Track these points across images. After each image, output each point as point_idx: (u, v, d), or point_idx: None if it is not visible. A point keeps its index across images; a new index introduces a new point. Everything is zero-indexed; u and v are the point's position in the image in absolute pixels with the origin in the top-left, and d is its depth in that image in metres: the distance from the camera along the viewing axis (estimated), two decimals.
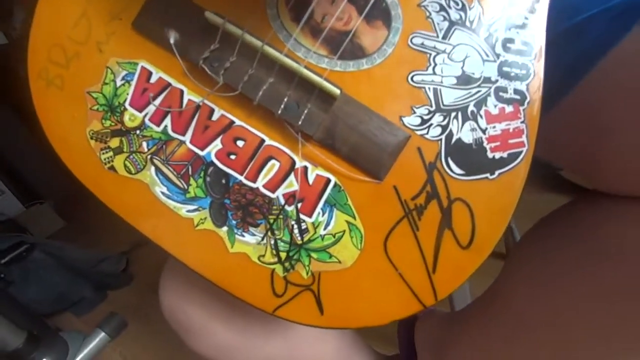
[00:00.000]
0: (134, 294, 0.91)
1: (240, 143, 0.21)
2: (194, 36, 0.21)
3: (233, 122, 0.21)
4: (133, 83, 0.22)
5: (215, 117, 0.21)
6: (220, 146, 0.21)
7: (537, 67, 0.20)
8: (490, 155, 0.20)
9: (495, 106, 0.20)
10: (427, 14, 0.21)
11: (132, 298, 0.89)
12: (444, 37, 0.21)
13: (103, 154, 0.22)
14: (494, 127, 0.20)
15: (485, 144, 0.20)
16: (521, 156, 0.20)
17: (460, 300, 0.44)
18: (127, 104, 0.22)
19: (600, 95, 0.21)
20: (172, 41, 0.20)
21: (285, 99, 0.20)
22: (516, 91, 0.20)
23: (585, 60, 0.21)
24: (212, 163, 0.21)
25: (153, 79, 0.22)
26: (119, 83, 0.22)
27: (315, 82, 0.19)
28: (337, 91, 0.19)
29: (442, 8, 0.21)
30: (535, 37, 0.21)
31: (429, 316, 0.40)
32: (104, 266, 0.96)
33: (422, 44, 0.21)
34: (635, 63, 0.20)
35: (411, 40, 0.21)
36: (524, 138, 0.20)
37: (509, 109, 0.20)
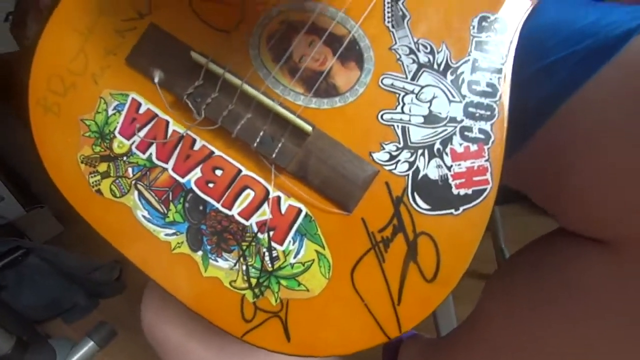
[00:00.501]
0: (125, 304, 0.92)
1: (218, 172, 0.22)
2: (181, 73, 0.22)
3: (213, 152, 0.22)
4: (123, 113, 0.23)
5: (196, 147, 0.22)
6: (199, 174, 0.22)
7: (502, 108, 0.21)
8: (455, 191, 0.21)
9: (461, 145, 0.21)
10: (398, 56, 0.22)
11: (123, 307, 0.89)
12: (412, 79, 0.22)
13: (91, 177, 0.23)
14: (459, 164, 0.21)
15: (450, 180, 0.21)
16: (485, 193, 0.21)
17: (446, 325, 0.44)
18: (116, 132, 0.23)
19: (564, 136, 0.22)
20: (156, 80, 0.22)
21: (261, 133, 0.21)
22: (481, 131, 0.21)
23: (552, 101, 0.22)
24: (191, 190, 0.22)
25: (142, 110, 0.23)
26: (110, 112, 0.24)
27: (289, 119, 0.21)
28: (309, 128, 0.21)
29: (411, 51, 0.22)
30: (501, 79, 0.22)
31: (414, 341, 0.40)
32: (98, 274, 0.97)
33: (392, 84, 0.22)
34: (596, 107, 0.21)
35: (382, 81, 0.22)
36: (488, 176, 0.21)
37: (473, 147, 0.21)
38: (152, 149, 0.23)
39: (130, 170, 0.23)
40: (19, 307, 0.93)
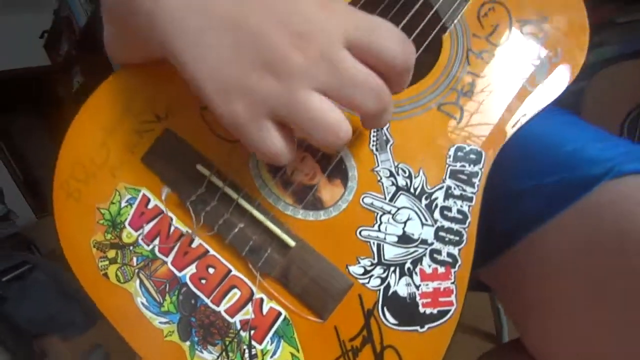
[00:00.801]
0: None
1: (211, 270, 0.25)
2: (187, 178, 0.25)
3: (208, 251, 0.25)
4: (134, 206, 0.27)
5: (194, 245, 0.25)
6: (194, 271, 0.25)
7: (471, 235, 0.23)
8: (421, 310, 0.23)
9: (430, 266, 0.23)
10: (379, 178, 0.24)
11: None
12: (390, 200, 0.24)
13: (101, 261, 0.26)
14: (427, 284, 0.23)
15: (418, 299, 0.23)
16: (449, 314, 0.23)
17: None
18: (126, 223, 0.27)
19: (523, 267, 0.24)
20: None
21: (251, 243, 0.24)
22: (449, 254, 0.23)
23: (516, 231, 0.24)
24: (185, 284, 0.25)
25: (150, 205, 0.26)
26: (123, 204, 0.27)
27: (275, 233, 0.23)
28: (293, 243, 0.23)
29: (391, 174, 0.24)
30: (472, 207, 0.24)
31: None
32: None
33: (372, 203, 0.24)
34: (553, 248, 0.23)
35: (363, 200, 0.24)
36: (453, 297, 0.23)
37: (441, 269, 0.23)
38: (156, 242, 0.26)
39: (135, 259, 0.26)
40: (18, 320, 0.97)
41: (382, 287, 0.23)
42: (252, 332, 0.24)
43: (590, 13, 0.86)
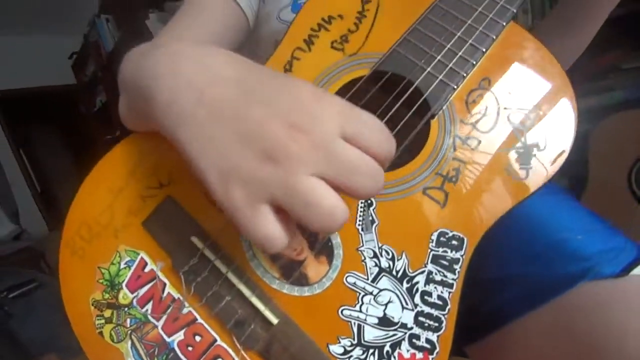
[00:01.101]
0: None
1: (197, 338, 0.26)
2: (183, 248, 0.27)
3: (196, 319, 0.26)
4: (132, 269, 0.28)
5: (184, 311, 0.26)
6: (182, 337, 0.26)
7: (450, 322, 0.24)
8: None
9: (408, 351, 0.24)
10: (362, 258, 0.26)
11: None
12: (372, 281, 0.25)
13: (97, 319, 0.28)
14: None
15: None
16: None
17: None
18: (124, 284, 0.28)
19: (509, 352, 0.24)
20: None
21: (236, 316, 0.25)
22: (427, 340, 0.24)
23: (501, 315, 0.24)
24: (173, 349, 0.26)
25: (147, 269, 0.28)
26: (122, 266, 0.28)
27: (259, 309, 0.24)
28: (275, 321, 0.24)
29: (375, 255, 0.25)
30: (452, 293, 0.24)
31: None
32: None
33: (355, 283, 0.25)
34: (531, 340, 0.23)
35: (346, 279, 0.25)
36: None
37: (419, 355, 0.24)
38: (149, 306, 0.27)
39: (128, 320, 0.27)
40: (20, 338, 0.99)
41: None
42: None
43: (598, 58, 0.88)
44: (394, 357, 0.24)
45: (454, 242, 0.25)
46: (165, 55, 0.23)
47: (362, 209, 0.26)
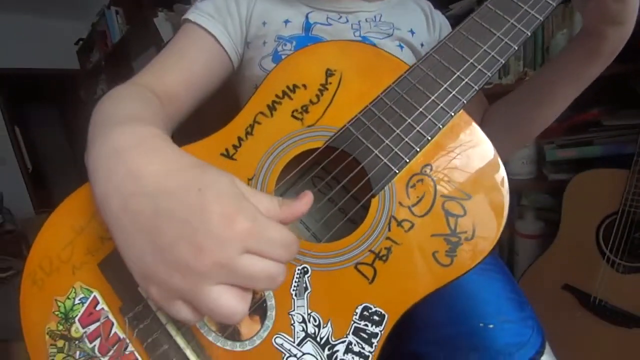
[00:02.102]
0: None
1: None
2: (131, 294, 0.29)
3: (137, 359, 0.28)
4: (85, 305, 0.30)
5: (127, 351, 0.29)
6: None
7: None
8: None
9: None
10: (292, 321, 0.28)
11: None
12: (298, 344, 0.27)
13: (51, 348, 0.30)
14: None
15: None
16: None
17: None
18: (76, 319, 0.30)
19: None
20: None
21: None
22: None
23: None
24: None
25: (98, 307, 0.30)
26: (76, 301, 0.31)
27: None
28: None
29: (303, 320, 0.28)
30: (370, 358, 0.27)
31: None
32: None
33: (282, 344, 0.28)
34: None
35: (275, 339, 0.28)
36: None
37: None
38: (97, 342, 0.29)
39: (77, 353, 0.29)
40: None
41: None
42: None
43: (582, 113, 0.93)
44: None
45: (375, 317, 0.28)
46: (110, 150, 0.25)
47: (298, 276, 0.29)
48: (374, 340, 0.27)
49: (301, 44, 0.46)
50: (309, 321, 0.28)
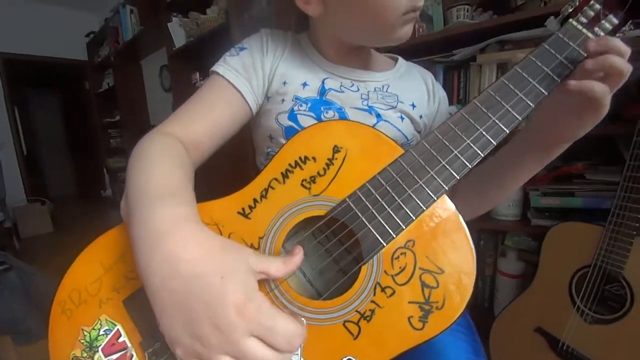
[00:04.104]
0: None
1: None
2: (151, 331, 0.34)
3: None
4: (109, 336, 0.35)
5: None
6: None
7: None
8: None
9: None
10: None
11: None
12: None
13: None
14: None
15: None
16: None
17: None
18: (100, 348, 0.35)
19: None
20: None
21: None
22: None
23: None
24: None
25: (120, 340, 0.35)
26: (101, 332, 0.35)
27: None
28: None
29: None
30: None
31: None
32: None
33: None
34: None
35: None
36: None
37: None
38: None
39: None
40: None
41: None
42: None
43: (568, 165, 1.01)
44: None
45: None
46: (149, 234, 0.31)
47: None
48: None
49: (315, 105, 0.51)
50: None
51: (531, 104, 0.40)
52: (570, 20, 0.45)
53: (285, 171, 0.39)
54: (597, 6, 0.45)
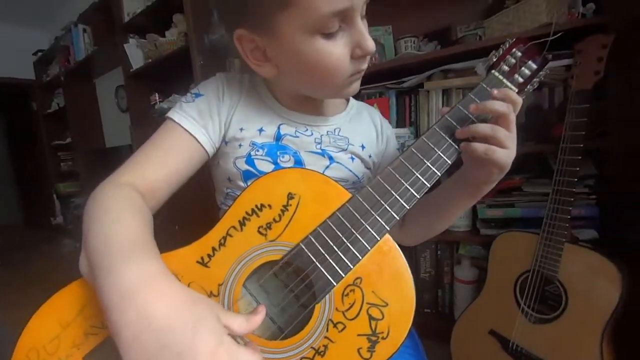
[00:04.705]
0: None
1: None
2: None
3: None
4: None
5: None
6: None
7: None
8: None
9: None
10: None
11: None
12: None
13: None
14: None
15: None
16: None
17: None
18: None
19: None
20: None
21: None
22: None
23: None
24: None
25: None
26: None
27: None
28: None
29: None
30: None
31: None
32: None
33: None
34: None
35: None
36: None
37: None
38: None
39: None
40: None
41: None
42: None
43: (508, 179, 1.12)
44: None
45: None
46: (120, 293, 0.32)
47: None
48: None
49: (271, 150, 0.55)
50: None
51: (448, 161, 0.46)
52: (493, 71, 0.53)
53: (242, 219, 0.42)
54: (518, 53, 0.54)
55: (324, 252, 0.41)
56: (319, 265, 0.40)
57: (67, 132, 3.12)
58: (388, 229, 0.42)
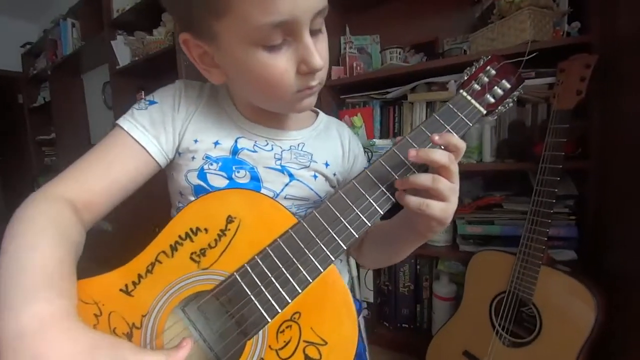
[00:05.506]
0: None
1: None
2: None
3: None
4: None
5: None
6: None
7: None
8: None
9: None
10: None
11: None
12: None
13: None
14: None
15: None
16: None
17: None
18: None
19: None
20: None
21: None
22: None
23: None
24: None
25: None
26: None
27: None
28: None
29: None
30: None
31: None
32: None
33: None
34: None
35: None
36: None
37: None
38: None
39: None
40: None
41: None
42: None
43: (488, 196, 1.09)
44: None
45: None
46: (17, 332, 0.29)
47: None
48: None
49: (226, 165, 0.51)
50: None
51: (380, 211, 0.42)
52: (461, 90, 0.50)
53: (174, 243, 0.39)
54: (492, 72, 0.51)
55: (260, 284, 0.38)
56: (253, 299, 0.37)
57: (52, 127, 3.05)
58: (333, 259, 0.39)
